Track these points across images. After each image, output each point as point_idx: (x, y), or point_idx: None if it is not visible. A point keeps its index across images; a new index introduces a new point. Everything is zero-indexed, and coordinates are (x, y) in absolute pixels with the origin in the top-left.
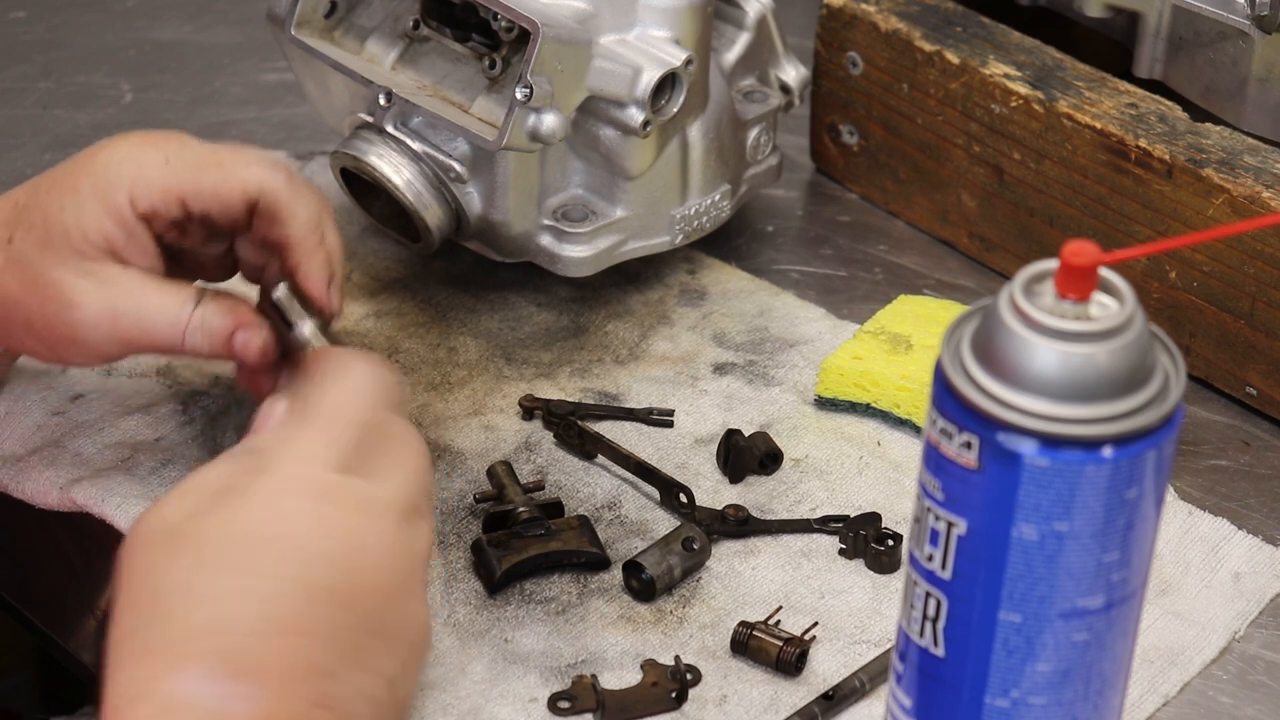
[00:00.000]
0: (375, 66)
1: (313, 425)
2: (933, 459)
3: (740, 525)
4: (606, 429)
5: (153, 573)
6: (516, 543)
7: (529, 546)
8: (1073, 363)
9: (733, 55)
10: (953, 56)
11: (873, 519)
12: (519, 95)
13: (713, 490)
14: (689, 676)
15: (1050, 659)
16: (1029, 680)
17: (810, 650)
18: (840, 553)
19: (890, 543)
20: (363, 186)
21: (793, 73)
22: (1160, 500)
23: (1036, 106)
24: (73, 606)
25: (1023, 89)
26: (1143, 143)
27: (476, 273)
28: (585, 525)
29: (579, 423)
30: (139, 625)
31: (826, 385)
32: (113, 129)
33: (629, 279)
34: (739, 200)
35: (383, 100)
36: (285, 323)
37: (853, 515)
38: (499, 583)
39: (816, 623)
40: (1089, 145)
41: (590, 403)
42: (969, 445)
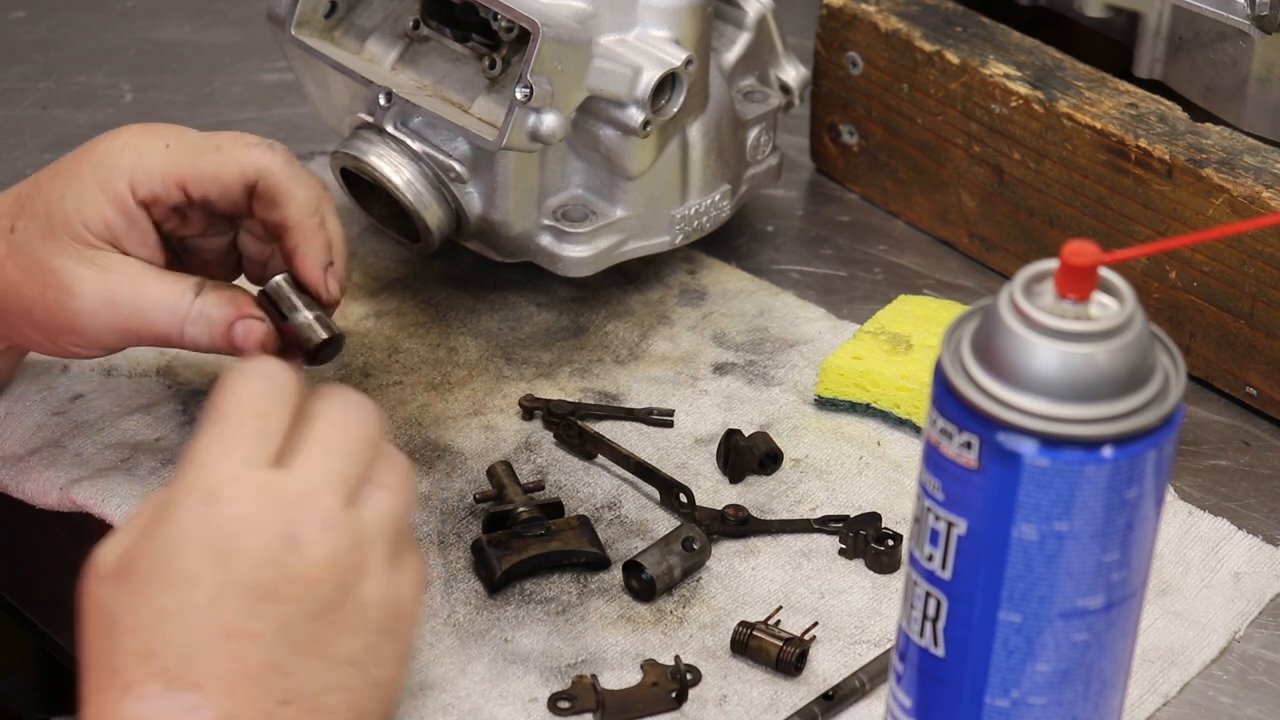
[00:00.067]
0: (375, 66)
1: (208, 430)
2: (933, 459)
3: (740, 525)
4: (606, 429)
5: (104, 607)
6: (516, 543)
7: (529, 546)
8: (1073, 363)
9: (733, 55)
10: (953, 56)
11: (873, 519)
12: (519, 95)
13: (713, 490)
14: (689, 676)
15: (1050, 659)
16: (1029, 680)
17: (810, 650)
18: (840, 553)
19: (890, 543)
20: (363, 186)
21: (793, 73)
22: (1160, 500)
23: (1036, 106)
24: (73, 606)
25: (1023, 89)
26: (1143, 143)
27: (476, 273)
28: (585, 525)
29: (579, 423)
30: (94, 662)
31: (826, 385)
32: (112, 129)
33: (629, 279)
34: (739, 200)
35: (383, 100)
36: (280, 313)
37: (853, 515)
38: (499, 583)
39: (816, 623)
40: (1089, 145)
41: (590, 403)
42: (969, 445)
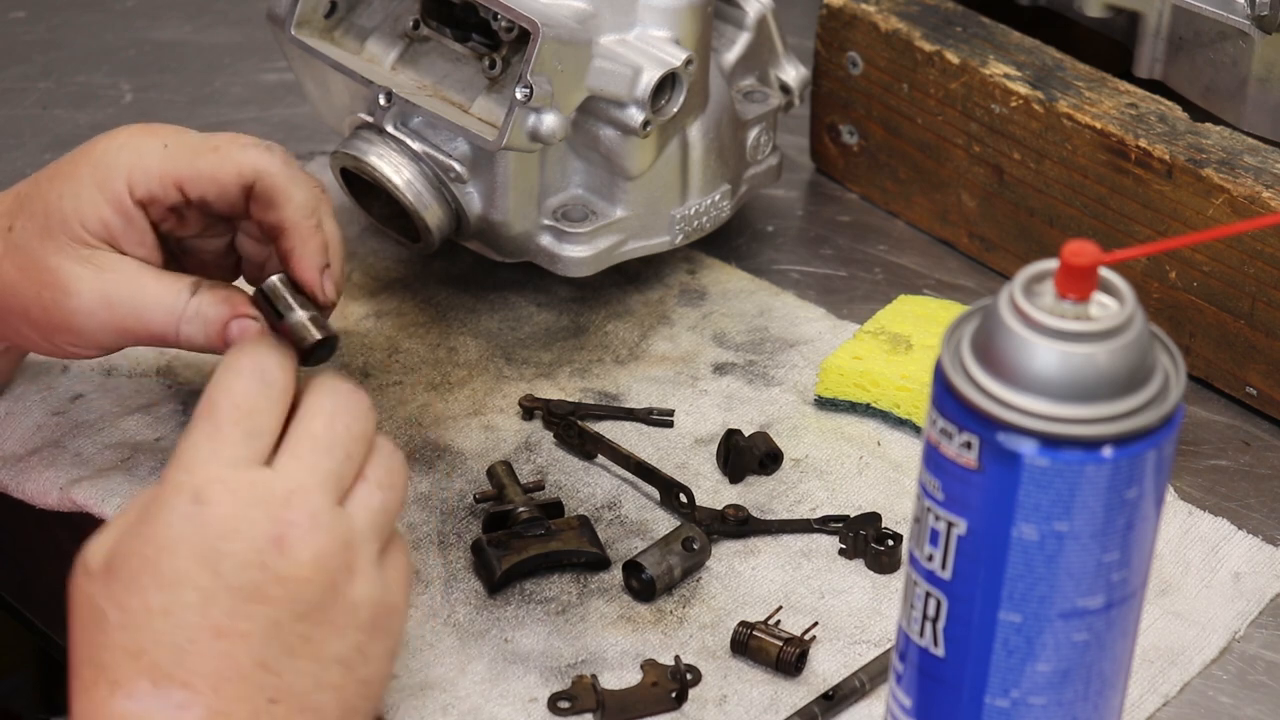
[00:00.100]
0: (375, 66)
1: (198, 428)
2: (933, 459)
3: (740, 525)
4: (606, 429)
5: (91, 603)
6: (516, 543)
7: (529, 546)
8: (1073, 363)
9: (733, 55)
10: (953, 56)
11: (873, 519)
12: (519, 95)
13: (713, 490)
14: (689, 676)
15: (1050, 659)
16: (1029, 680)
17: (810, 650)
18: (840, 553)
19: (890, 543)
20: (363, 186)
21: (793, 73)
22: (1160, 500)
23: (1036, 106)
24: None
25: (1023, 89)
26: (1143, 143)
27: (476, 273)
28: (585, 525)
29: (579, 423)
30: (83, 658)
31: (826, 385)
32: (112, 129)
33: (629, 279)
34: (739, 200)
35: (383, 100)
36: (276, 313)
37: (853, 515)
38: (499, 583)
39: (816, 623)
40: (1089, 145)
41: (590, 403)
42: (969, 445)
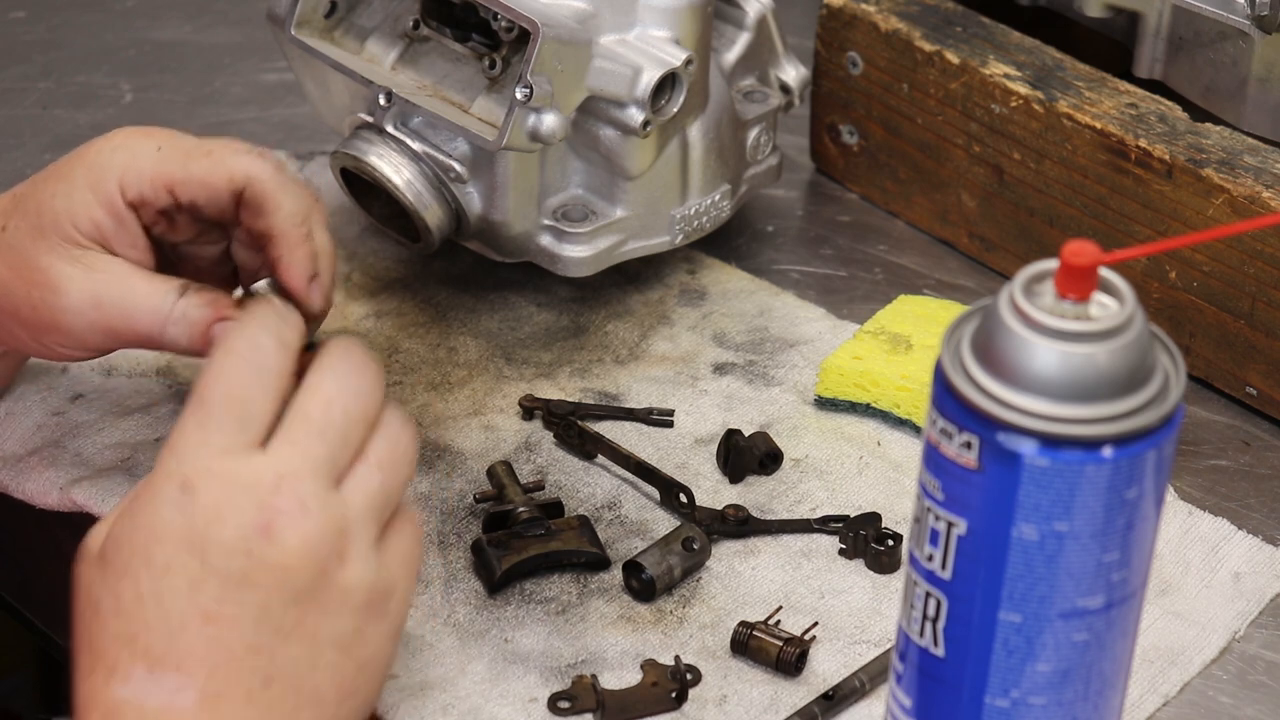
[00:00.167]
0: (375, 66)
1: (190, 414)
2: (933, 459)
3: (740, 525)
4: (606, 429)
5: (88, 591)
6: (516, 543)
7: (529, 546)
8: (1073, 363)
9: (733, 55)
10: (953, 56)
11: (873, 519)
12: (519, 95)
13: (713, 490)
14: (689, 676)
15: (1050, 659)
16: (1029, 680)
17: (810, 650)
18: (840, 553)
19: (890, 543)
20: (363, 186)
21: (793, 73)
22: (1160, 500)
23: (1036, 106)
24: (72, 607)
25: (1023, 89)
26: (1143, 143)
27: (476, 273)
28: (585, 525)
29: (579, 423)
30: (83, 644)
31: (826, 385)
32: (112, 129)
33: (629, 279)
34: (739, 200)
35: (383, 100)
36: None
37: (853, 515)
38: (499, 583)
39: (816, 623)
40: (1089, 145)
41: (590, 403)
42: (969, 445)
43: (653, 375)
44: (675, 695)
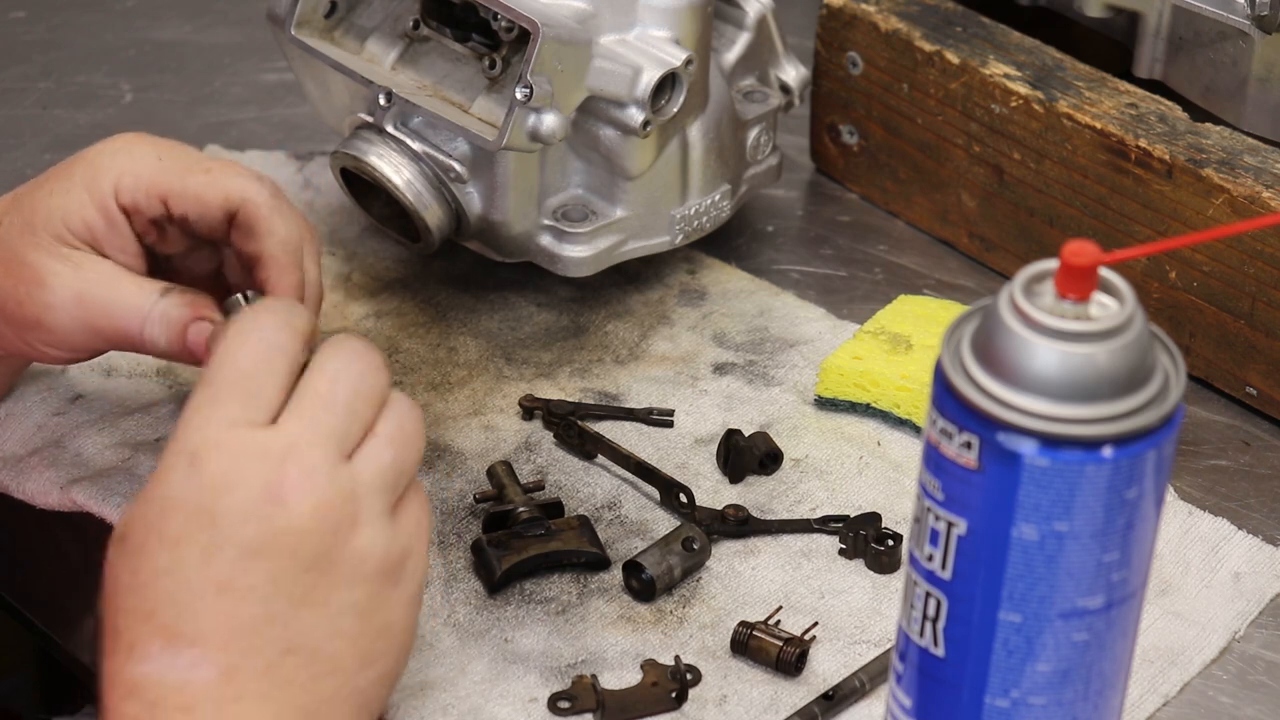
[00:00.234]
0: (375, 66)
1: (200, 391)
2: (933, 459)
3: (740, 525)
4: (606, 429)
5: (111, 572)
6: (516, 543)
7: (529, 546)
8: (1073, 363)
9: (733, 55)
10: (953, 56)
11: (873, 519)
12: (519, 95)
13: (713, 490)
14: (689, 676)
15: (1050, 659)
16: (1029, 680)
17: (810, 650)
18: (840, 553)
19: (890, 543)
20: (363, 186)
21: (793, 73)
22: (1160, 500)
23: (1036, 106)
24: (73, 606)
25: (1023, 89)
26: (1143, 143)
27: (476, 273)
28: (585, 525)
29: (579, 423)
30: (107, 624)
31: (826, 385)
32: (113, 129)
33: (629, 279)
34: (739, 200)
35: (383, 100)
36: None
37: (853, 515)
38: (499, 583)
39: (816, 623)
40: (1089, 145)
41: (590, 403)
42: (969, 445)
43: (653, 375)
44: (675, 695)
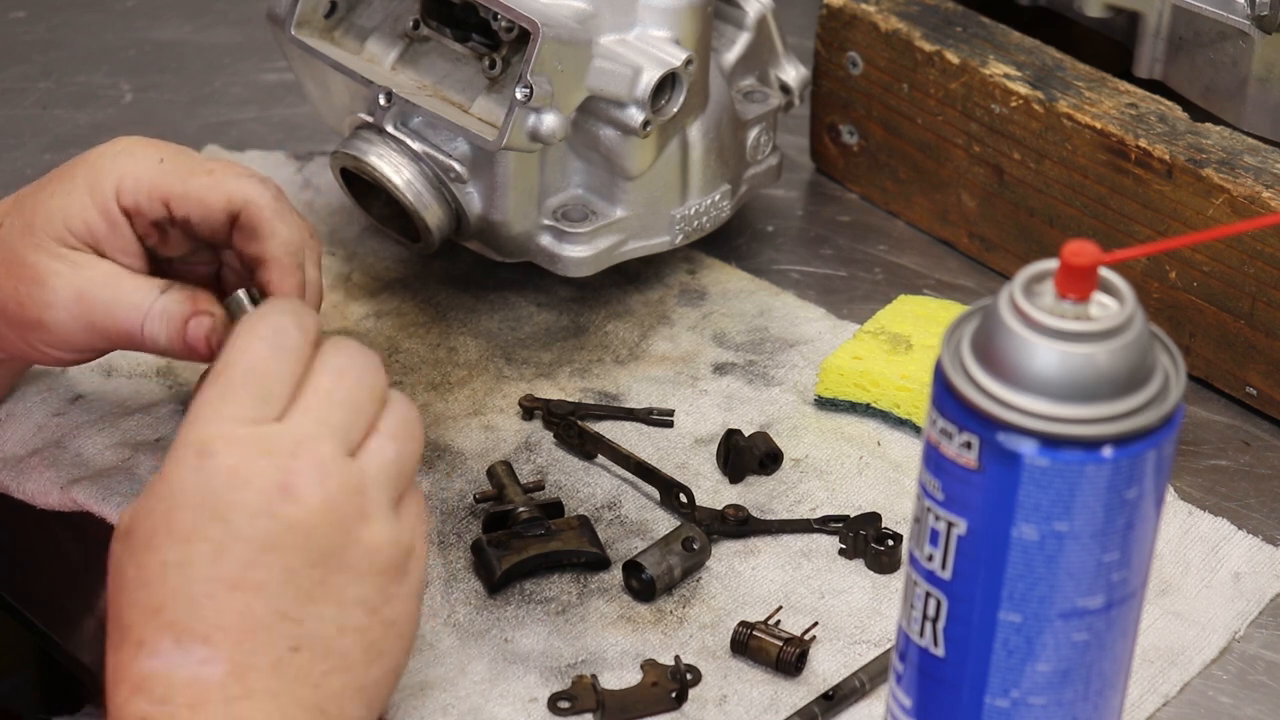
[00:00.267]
0: (375, 66)
1: (211, 386)
2: (933, 459)
3: (740, 525)
4: (606, 429)
5: (116, 565)
6: (516, 543)
7: (529, 546)
8: (1073, 363)
9: (733, 55)
10: (953, 56)
11: (873, 519)
12: (519, 95)
13: (713, 490)
14: (689, 676)
15: (1050, 659)
16: (1029, 680)
17: (810, 650)
18: (840, 553)
19: (890, 543)
20: (363, 186)
21: (793, 73)
22: (1160, 500)
23: (1036, 106)
24: (73, 606)
25: (1023, 89)
26: (1143, 143)
27: (476, 273)
28: (585, 525)
29: (579, 423)
30: (113, 618)
31: (826, 385)
32: (113, 129)
33: (629, 279)
34: (739, 200)
35: (383, 100)
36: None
37: (853, 515)
38: (499, 583)
39: (816, 623)
40: (1089, 145)
41: (590, 403)
42: (969, 445)
43: (653, 375)
44: (675, 695)
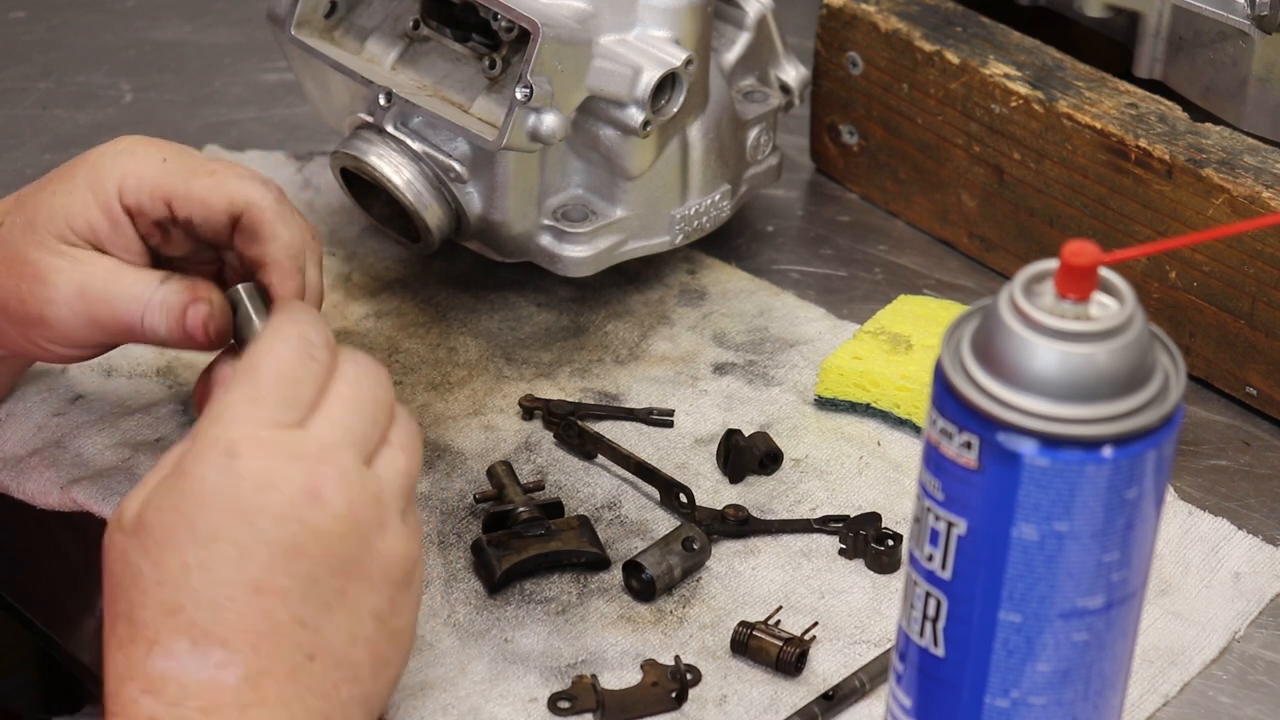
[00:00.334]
0: (375, 66)
1: (239, 387)
2: (933, 459)
3: (740, 525)
4: (606, 429)
5: (124, 562)
6: (516, 543)
7: (529, 546)
8: (1073, 363)
9: (733, 55)
10: (953, 56)
11: (873, 519)
12: (519, 95)
13: (713, 490)
14: (689, 676)
15: (1050, 659)
16: (1029, 680)
17: (810, 650)
18: (840, 553)
19: (890, 543)
20: (363, 186)
21: (793, 73)
22: (1160, 500)
23: (1036, 106)
24: (73, 606)
25: (1023, 89)
26: (1143, 143)
27: (476, 273)
28: (585, 525)
29: (579, 423)
30: (119, 614)
31: (826, 385)
32: (113, 129)
33: (629, 279)
34: (739, 200)
35: (383, 100)
36: (236, 320)
37: (853, 515)
38: (499, 583)
39: (816, 623)
40: (1089, 145)
41: (590, 403)
42: (969, 445)
43: (653, 375)
44: (675, 695)
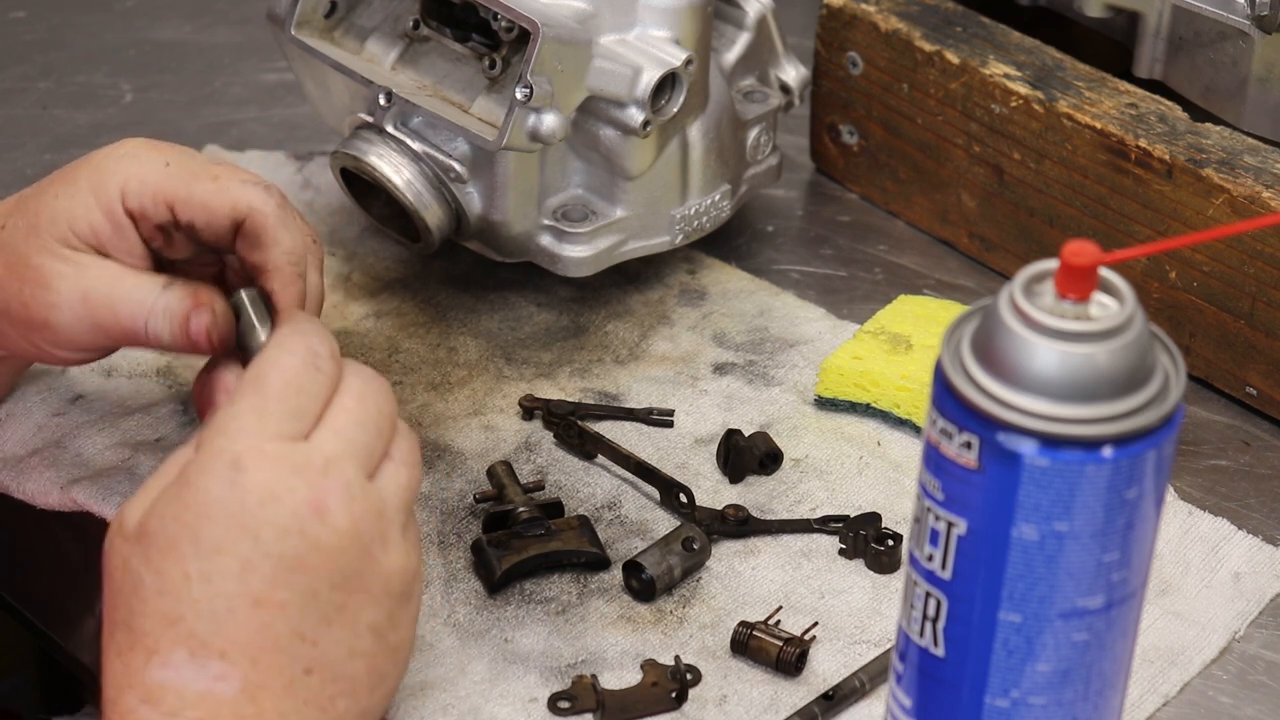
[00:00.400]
0: (375, 66)
1: (245, 398)
2: (933, 459)
3: (740, 525)
4: (606, 429)
5: (125, 570)
6: (516, 543)
7: (529, 546)
8: (1073, 363)
9: (733, 55)
10: (953, 56)
11: (873, 519)
12: (519, 95)
13: (713, 490)
14: (689, 676)
15: (1050, 659)
16: (1029, 680)
17: (810, 650)
18: (840, 553)
19: (890, 543)
20: (363, 186)
21: (793, 73)
22: (1160, 500)
23: (1036, 106)
24: (73, 606)
25: (1023, 89)
26: (1143, 143)
27: (476, 273)
28: (585, 525)
29: (579, 423)
30: (119, 621)
31: (826, 385)
32: (113, 129)
33: (629, 279)
34: (739, 200)
35: (383, 100)
36: (239, 326)
37: (853, 515)
38: (499, 583)
39: (816, 623)
40: (1089, 145)
41: (590, 403)
42: (969, 445)
43: (653, 375)
44: (675, 695)
